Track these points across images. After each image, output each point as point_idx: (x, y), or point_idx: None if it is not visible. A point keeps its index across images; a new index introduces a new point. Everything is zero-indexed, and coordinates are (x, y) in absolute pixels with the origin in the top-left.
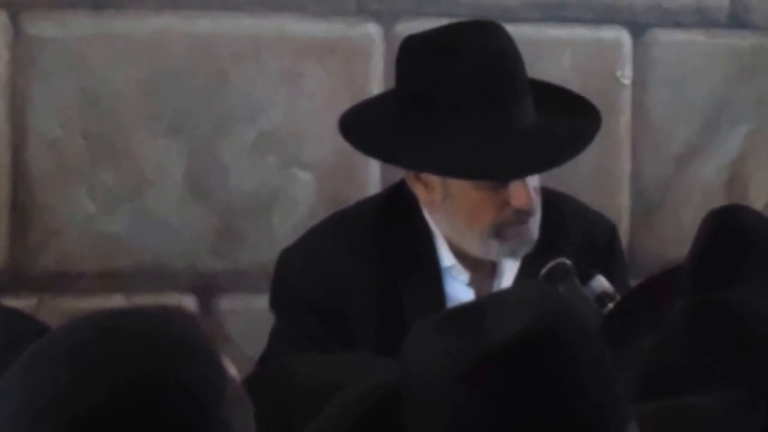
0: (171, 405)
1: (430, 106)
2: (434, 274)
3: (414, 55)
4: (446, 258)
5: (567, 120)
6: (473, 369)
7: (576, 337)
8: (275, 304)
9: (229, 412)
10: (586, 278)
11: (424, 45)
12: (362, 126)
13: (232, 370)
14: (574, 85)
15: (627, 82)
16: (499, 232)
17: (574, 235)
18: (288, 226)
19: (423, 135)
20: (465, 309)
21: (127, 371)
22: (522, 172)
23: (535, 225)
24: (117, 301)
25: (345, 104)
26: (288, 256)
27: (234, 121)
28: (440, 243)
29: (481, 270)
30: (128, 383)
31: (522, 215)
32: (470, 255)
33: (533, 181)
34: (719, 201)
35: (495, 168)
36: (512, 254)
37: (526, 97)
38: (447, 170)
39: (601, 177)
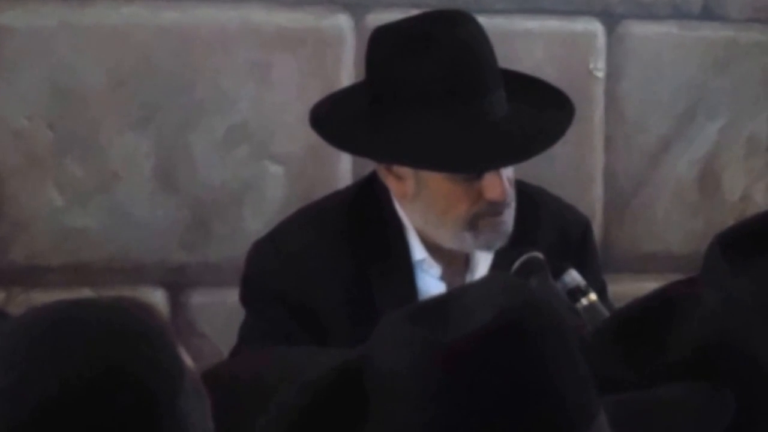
0: (125, 395)
1: (401, 97)
2: (405, 268)
3: (384, 47)
4: (418, 252)
5: (540, 111)
6: (438, 361)
7: (543, 329)
8: (246, 298)
9: (185, 403)
10: (558, 272)
11: (394, 36)
12: (333, 118)
13: (189, 361)
14: (547, 77)
15: (600, 74)
16: (473, 224)
17: (547, 228)
18: (258, 219)
19: (394, 127)
20: (433, 301)
21: (82, 362)
22: (495, 164)
23: (509, 217)
24: (86, 295)
25: (315, 96)
26: (259, 250)
27: (204, 114)
28: (412, 236)
29: (454, 264)
30: (82, 374)
31: (497, 207)
32: (443, 248)
33: (508, 172)
34: (693, 195)
35: (468, 160)
36: (486, 247)
37: (497, 88)
38: (419, 162)
39: (575, 170)
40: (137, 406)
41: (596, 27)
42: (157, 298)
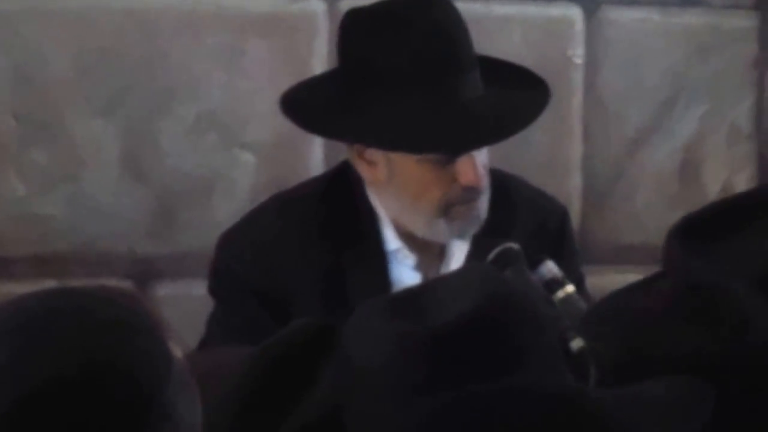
0: (113, 386)
1: (373, 80)
2: (379, 258)
3: (356, 28)
4: (392, 241)
5: (515, 93)
6: (416, 352)
7: (519, 320)
8: (215, 289)
9: (173, 394)
10: (535, 263)
11: (366, 18)
12: (303, 102)
13: (178, 352)
14: (525, 64)
15: (579, 61)
16: (446, 211)
17: (524, 218)
18: (229, 208)
19: (365, 109)
20: (409, 293)
21: (70, 353)
22: (467, 146)
23: (484, 204)
24: (50, 286)
25: (287, 82)
26: (228, 239)
27: (172, 100)
28: (385, 226)
29: (429, 253)
30: (70, 364)
31: (471, 193)
32: (417, 237)
33: (482, 157)
34: (673, 185)
35: (439, 141)
36: (460, 234)
37: (472, 70)
38: (389, 143)
39: (552, 159)
40: (124, 398)
41: (575, 12)
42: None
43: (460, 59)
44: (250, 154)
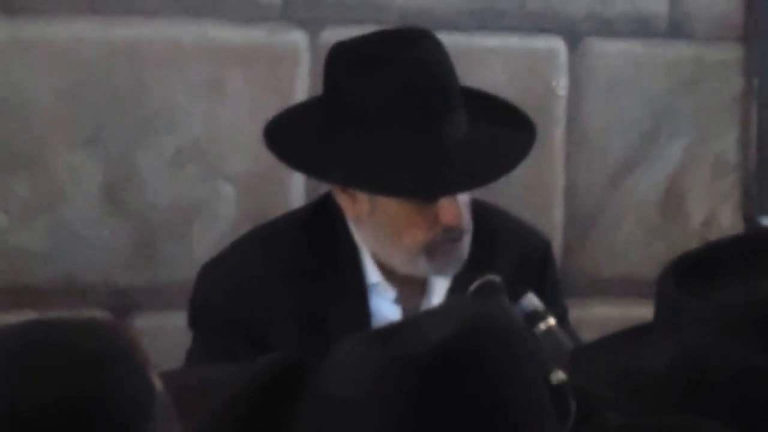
0: (94, 423)
1: (356, 118)
2: (360, 291)
3: (340, 65)
4: (372, 274)
5: (500, 133)
6: (392, 380)
7: (498, 351)
8: (194, 322)
9: (154, 426)
10: (516, 296)
11: (349, 55)
12: (287, 138)
13: (160, 385)
14: (508, 95)
15: (562, 93)
16: (428, 249)
17: (506, 252)
18: (209, 240)
19: (347, 148)
20: (393, 324)
21: (50, 387)
22: (447, 190)
23: (466, 244)
24: (29, 317)
25: (269, 114)
26: (208, 273)
27: (153, 132)
28: (366, 259)
29: (410, 287)
30: (51, 400)
31: (453, 233)
32: (397, 271)
33: (464, 196)
34: (655, 217)
35: (419, 185)
36: (440, 272)
37: (457, 110)
38: (368, 185)
39: (535, 190)
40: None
41: (558, 44)
42: None
43: (444, 99)
44: (230, 185)
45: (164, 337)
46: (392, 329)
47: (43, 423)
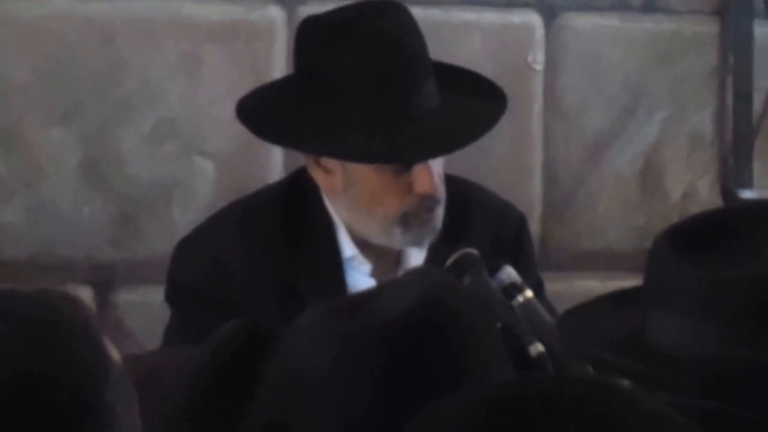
0: (49, 393)
1: (329, 89)
2: (334, 265)
3: (311, 39)
4: (347, 248)
5: (471, 102)
6: (356, 352)
7: (459, 320)
8: (171, 297)
9: (111, 399)
10: (494, 269)
11: (321, 27)
12: (260, 111)
13: (116, 356)
14: (484, 70)
15: (539, 67)
16: (403, 220)
17: (481, 226)
18: (188, 216)
19: (321, 119)
20: (357, 295)
21: (2, 358)
22: (421, 155)
23: (440, 214)
24: None
25: (246, 90)
26: (183, 248)
27: (131, 109)
28: (341, 232)
29: (385, 260)
30: (3, 370)
31: (427, 202)
32: (373, 244)
33: (437, 167)
34: (634, 190)
35: (393, 151)
36: (415, 243)
37: (427, 79)
38: (344, 154)
39: (513, 166)
40: (60, 404)
41: (535, 19)
42: (84, 296)
43: (414, 69)
44: (209, 161)
45: (145, 311)
46: (352, 302)
47: None
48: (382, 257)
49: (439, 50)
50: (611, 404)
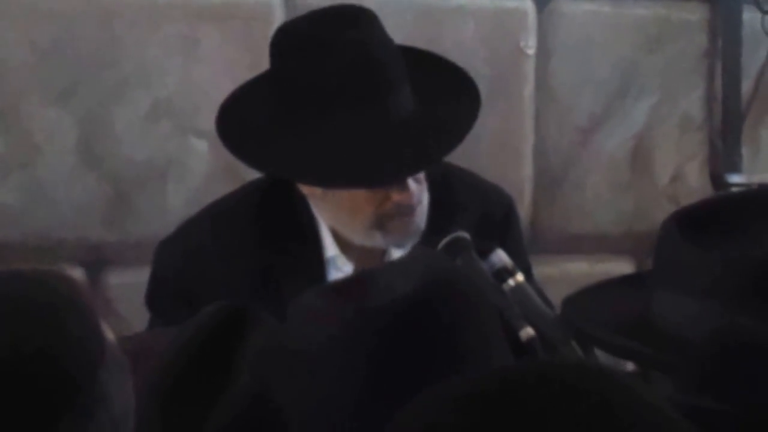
0: (44, 370)
1: (302, 104)
2: (316, 265)
3: (282, 49)
4: (330, 248)
5: (446, 105)
6: (357, 333)
7: (459, 303)
8: (151, 300)
9: (106, 377)
10: (485, 252)
11: (291, 38)
12: (239, 131)
13: (110, 335)
14: (477, 55)
15: (531, 52)
16: (381, 224)
17: (468, 211)
18: (182, 195)
19: (297, 142)
20: (350, 278)
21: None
22: (396, 177)
23: (421, 215)
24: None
25: (243, 71)
26: (164, 248)
27: (128, 88)
28: (324, 232)
29: (369, 259)
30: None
31: (404, 208)
32: (356, 244)
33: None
34: (624, 174)
35: (369, 176)
36: (396, 245)
37: (400, 87)
38: (321, 183)
39: (504, 148)
40: (55, 382)
41: (527, 4)
42: (76, 276)
43: (386, 79)
44: (204, 141)
45: (138, 291)
46: (350, 283)
47: None
48: (365, 256)
49: (432, 35)
50: (608, 392)
